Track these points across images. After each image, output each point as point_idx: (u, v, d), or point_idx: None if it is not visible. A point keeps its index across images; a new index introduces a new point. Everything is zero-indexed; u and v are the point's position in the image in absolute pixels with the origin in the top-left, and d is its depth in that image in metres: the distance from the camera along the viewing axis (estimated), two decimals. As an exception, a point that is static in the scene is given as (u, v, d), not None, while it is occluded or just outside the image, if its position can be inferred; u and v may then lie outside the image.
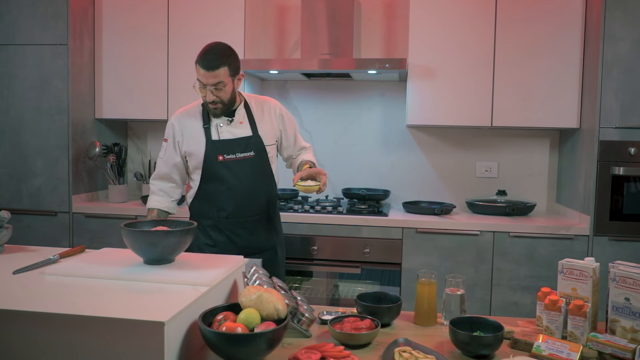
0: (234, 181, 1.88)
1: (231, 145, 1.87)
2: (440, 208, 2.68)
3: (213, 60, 1.74)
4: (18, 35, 2.80)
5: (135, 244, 1.33)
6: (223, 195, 1.89)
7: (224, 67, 1.75)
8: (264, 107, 1.97)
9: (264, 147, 1.91)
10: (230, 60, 1.77)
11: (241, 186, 1.89)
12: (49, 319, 1.01)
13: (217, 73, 1.74)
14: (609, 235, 2.41)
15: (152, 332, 0.97)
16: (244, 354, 1.04)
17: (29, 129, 2.84)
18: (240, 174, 1.88)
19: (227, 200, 1.89)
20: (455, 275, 1.41)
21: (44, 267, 1.36)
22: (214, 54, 1.76)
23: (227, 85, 1.78)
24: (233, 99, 1.85)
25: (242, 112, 1.92)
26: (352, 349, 1.21)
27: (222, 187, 1.88)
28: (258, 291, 1.15)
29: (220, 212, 1.91)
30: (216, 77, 1.75)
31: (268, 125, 1.95)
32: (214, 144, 1.87)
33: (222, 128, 1.88)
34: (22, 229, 2.84)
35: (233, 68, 1.79)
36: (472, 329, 1.25)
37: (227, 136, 1.88)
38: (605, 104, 2.40)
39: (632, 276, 1.21)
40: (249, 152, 1.89)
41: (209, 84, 1.76)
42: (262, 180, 1.93)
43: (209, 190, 1.91)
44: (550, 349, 1.16)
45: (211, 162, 1.87)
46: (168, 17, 2.90)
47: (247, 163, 1.89)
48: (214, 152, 1.86)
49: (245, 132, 1.90)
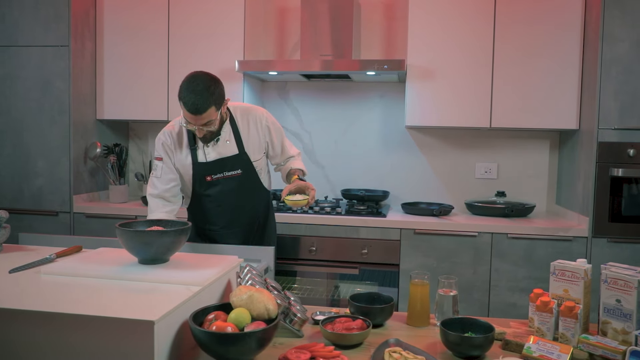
0: (222, 198, 1.93)
1: (218, 166, 1.89)
2: (439, 209, 2.69)
3: (199, 103, 1.68)
4: (20, 37, 2.83)
5: (130, 243, 1.35)
6: (213, 211, 1.95)
7: (211, 108, 1.71)
8: (249, 120, 1.95)
9: (251, 163, 1.93)
10: (215, 97, 1.72)
11: (230, 203, 1.93)
12: (39, 317, 1.02)
13: (204, 115, 1.71)
14: (607, 237, 2.40)
15: (142, 331, 0.98)
16: (233, 353, 1.05)
17: (30, 130, 2.86)
18: (228, 190, 1.91)
19: (218, 216, 1.95)
20: (448, 277, 1.41)
21: (40, 266, 1.38)
22: (199, 95, 1.68)
23: (215, 120, 1.77)
24: (221, 124, 1.86)
25: (228, 130, 1.90)
26: (344, 349, 1.21)
27: (212, 204, 1.94)
28: (249, 291, 1.15)
29: (213, 225, 1.98)
30: (204, 118, 1.72)
31: (255, 140, 1.95)
32: (200, 165, 1.89)
33: (209, 149, 1.89)
34: (23, 228, 2.85)
35: (219, 102, 1.75)
36: (464, 330, 1.26)
37: (214, 156, 1.89)
38: (604, 105, 2.39)
39: (623, 278, 1.21)
40: (235, 170, 1.91)
41: (197, 125, 1.74)
42: (250, 195, 1.97)
43: (199, 206, 1.97)
44: (541, 350, 1.16)
45: (200, 182, 1.91)
46: (168, 18, 2.91)
47: (234, 180, 1.92)
48: (202, 173, 1.90)
49: (232, 150, 1.90)
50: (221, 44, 2.87)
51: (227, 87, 2.82)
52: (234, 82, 2.86)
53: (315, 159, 3.18)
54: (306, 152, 3.19)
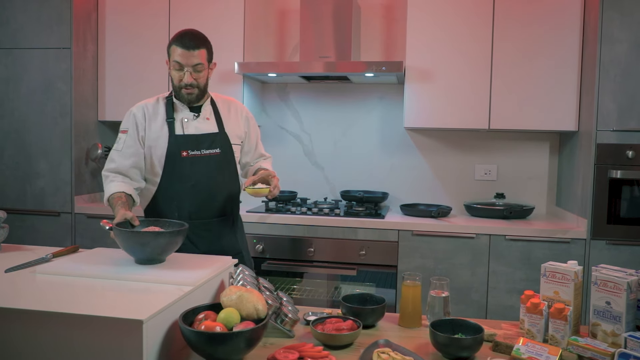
0: (197, 178, 1.76)
1: (196, 141, 1.77)
2: (437, 211, 2.69)
3: (193, 40, 1.70)
4: (23, 40, 2.86)
5: (126, 244, 1.36)
6: (185, 194, 1.76)
7: (203, 49, 1.72)
8: (230, 107, 1.91)
9: (230, 144, 1.83)
10: (208, 45, 1.75)
11: (205, 184, 1.78)
12: (31, 316, 1.04)
13: (197, 53, 1.69)
14: (606, 239, 2.39)
15: (132, 330, 1.00)
16: (222, 353, 1.06)
17: (33, 131, 2.89)
18: (205, 170, 1.77)
19: (189, 199, 1.77)
20: (440, 278, 1.42)
21: (36, 265, 1.40)
22: (193, 35, 1.72)
23: (205, 70, 1.74)
24: (206, 87, 1.80)
25: (209, 109, 1.84)
26: (333, 349, 1.22)
27: (185, 184, 1.76)
28: (239, 291, 1.17)
29: (182, 211, 1.77)
30: (196, 58, 1.70)
31: (234, 125, 1.88)
32: (177, 138, 1.76)
33: (188, 123, 1.79)
34: (26, 228, 2.90)
35: (210, 53, 1.77)
36: (454, 331, 1.26)
37: (193, 131, 1.78)
38: (603, 106, 2.39)
39: (612, 280, 1.21)
40: (214, 148, 1.79)
41: (189, 65, 1.70)
42: (227, 179, 1.84)
43: (169, 189, 1.78)
44: (530, 352, 1.16)
45: (174, 157, 1.75)
46: (169, 21, 2.94)
47: (212, 160, 1.79)
48: (178, 147, 1.75)
49: (212, 128, 1.82)
50: (221, 46, 2.86)
51: (227, 89, 2.88)
52: (234, 84, 2.88)
53: (315, 161, 3.19)
54: (306, 154, 3.20)
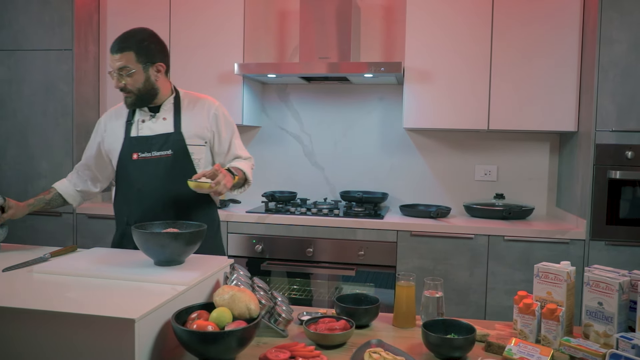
0: (144, 181, 1.69)
1: (147, 142, 1.70)
2: (436, 211, 2.69)
3: (119, 42, 1.63)
4: (25, 41, 2.89)
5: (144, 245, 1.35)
6: (133, 199, 1.71)
7: (129, 52, 1.62)
8: (196, 105, 1.79)
9: (185, 146, 1.71)
10: (140, 46, 1.64)
11: (152, 188, 1.69)
12: (26, 314, 1.05)
13: (120, 57, 1.63)
14: (605, 239, 2.39)
15: (123, 329, 1.01)
16: (214, 352, 1.07)
17: (34, 132, 2.92)
18: (153, 174, 1.68)
19: (135, 204, 1.71)
20: (434, 278, 1.42)
21: (34, 265, 1.41)
22: (123, 37, 1.65)
23: (136, 73, 1.64)
24: (150, 90, 1.68)
25: (169, 107, 1.75)
26: (326, 349, 1.23)
27: (133, 188, 1.71)
28: (232, 290, 1.18)
29: (131, 217, 1.71)
30: (120, 61, 1.63)
31: (197, 124, 1.75)
32: (130, 140, 1.71)
33: (143, 124, 1.73)
34: (27, 229, 2.93)
35: (144, 55, 1.65)
36: (447, 331, 1.27)
37: (146, 132, 1.72)
38: (602, 107, 2.38)
39: (605, 280, 1.21)
40: (165, 150, 1.69)
41: (114, 68, 1.64)
42: (179, 184, 1.65)
43: (120, 193, 1.76)
44: (522, 353, 1.17)
45: (125, 160, 1.72)
46: (170, 22, 2.96)
47: (161, 162, 1.69)
48: (130, 149, 1.71)
49: (167, 128, 1.72)
50: (221, 47, 2.91)
51: (227, 90, 2.89)
52: (234, 85, 2.89)
53: (315, 161, 3.20)
54: (306, 154, 3.21)
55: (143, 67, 1.65)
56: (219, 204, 1.92)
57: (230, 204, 3.02)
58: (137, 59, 1.64)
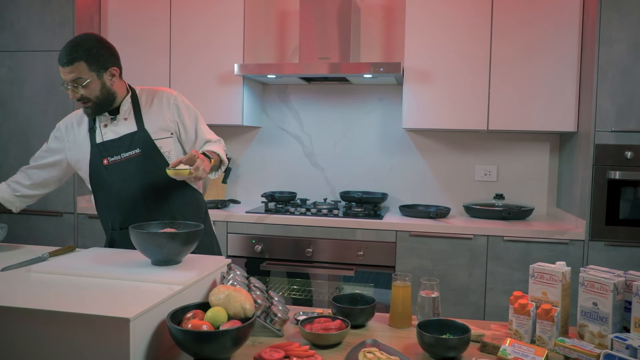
0: (119, 185, 1.69)
1: (114, 146, 1.69)
2: (435, 211, 2.69)
3: (67, 53, 1.57)
4: (26, 42, 2.91)
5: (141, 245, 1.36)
6: (113, 204, 1.71)
7: (79, 62, 1.57)
8: (154, 98, 1.77)
9: (152, 142, 1.70)
10: (90, 55, 1.59)
11: (129, 190, 1.69)
12: (22, 314, 1.06)
13: (71, 69, 1.57)
14: (604, 240, 2.38)
15: (119, 328, 1.01)
16: (209, 351, 1.08)
17: (36, 133, 2.94)
18: (126, 175, 1.68)
19: (116, 209, 1.71)
20: (430, 278, 1.42)
21: (32, 265, 1.42)
22: (70, 47, 1.58)
23: (91, 82, 1.60)
24: (107, 96, 1.66)
25: (128, 107, 1.73)
26: (321, 349, 1.23)
27: (110, 193, 1.70)
28: (227, 290, 1.18)
29: (115, 222, 1.72)
30: (72, 73, 1.58)
31: (158, 117, 1.73)
32: (98, 147, 1.69)
33: (106, 128, 1.71)
34: (29, 228, 2.94)
35: (95, 62, 1.60)
36: (442, 331, 1.27)
37: (111, 136, 1.70)
38: (601, 107, 2.38)
39: (599, 281, 1.21)
40: (133, 150, 1.69)
41: (67, 81, 1.60)
42: (154, 180, 1.69)
43: (99, 201, 1.76)
44: (516, 353, 1.17)
45: (96, 167, 1.70)
46: (170, 24, 2.97)
47: (132, 162, 1.69)
48: (99, 156, 1.69)
49: (130, 128, 1.70)
50: (221, 48, 2.92)
51: (227, 90, 2.90)
52: (235, 85, 2.90)
53: (315, 161, 3.21)
54: (306, 155, 3.21)
55: (97, 74, 1.62)
56: (201, 189, 1.91)
57: (230, 204, 3.02)
58: (90, 68, 1.60)
